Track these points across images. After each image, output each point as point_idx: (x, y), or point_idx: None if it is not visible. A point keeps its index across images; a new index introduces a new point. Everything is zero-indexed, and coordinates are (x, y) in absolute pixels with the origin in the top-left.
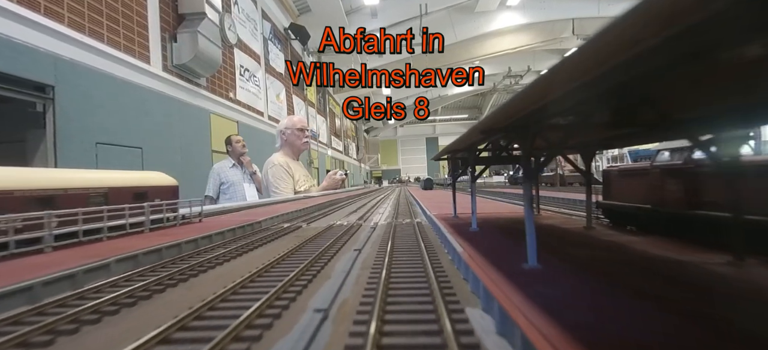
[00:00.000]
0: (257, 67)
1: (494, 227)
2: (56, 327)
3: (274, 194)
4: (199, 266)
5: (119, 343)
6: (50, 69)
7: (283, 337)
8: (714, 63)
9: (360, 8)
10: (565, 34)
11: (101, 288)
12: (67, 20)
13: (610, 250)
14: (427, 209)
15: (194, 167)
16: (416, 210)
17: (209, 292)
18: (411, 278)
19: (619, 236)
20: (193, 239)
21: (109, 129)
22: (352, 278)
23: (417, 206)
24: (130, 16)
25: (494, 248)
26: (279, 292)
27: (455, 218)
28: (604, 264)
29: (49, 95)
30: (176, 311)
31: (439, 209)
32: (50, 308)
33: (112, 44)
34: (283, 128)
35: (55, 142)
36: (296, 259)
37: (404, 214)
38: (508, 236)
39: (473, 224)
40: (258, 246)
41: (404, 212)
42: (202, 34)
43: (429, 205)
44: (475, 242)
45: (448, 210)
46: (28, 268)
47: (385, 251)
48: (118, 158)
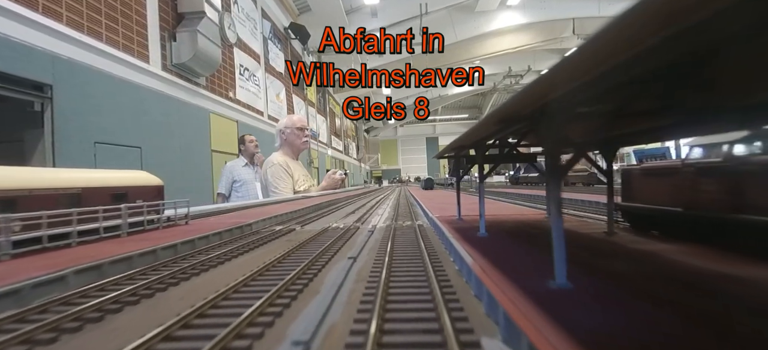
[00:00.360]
0: (257, 66)
1: (503, 233)
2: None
3: (273, 193)
4: (172, 277)
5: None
6: (48, 68)
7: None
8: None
9: (360, 7)
10: (565, 34)
11: (48, 306)
12: (66, 19)
13: (644, 262)
14: (429, 210)
15: (193, 167)
16: (417, 211)
17: (172, 313)
18: (413, 294)
19: (648, 244)
20: (173, 245)
21: (108, 129)
22: (344, 293)
23: (418, 208)
24: (129, 15)
25: (509, 259)
26: (254, 314)
27: (460, 221)
28: (645, 281)
29: (48, 94)
30: (121, 342)
31: (441, 210)
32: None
33: (110, 43)
34: (283, 127)
35: (53, 142)
36: (283, 268)
37: (404, 215)
38: (521, 244)
39: (481, 228)
40: (244, 252)
41: (404, 213)
42: (202, 33)
43: (430, 206)
44: (486, 250)
45: (451, 212)
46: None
47: (383, 259)
48: (117, 158)
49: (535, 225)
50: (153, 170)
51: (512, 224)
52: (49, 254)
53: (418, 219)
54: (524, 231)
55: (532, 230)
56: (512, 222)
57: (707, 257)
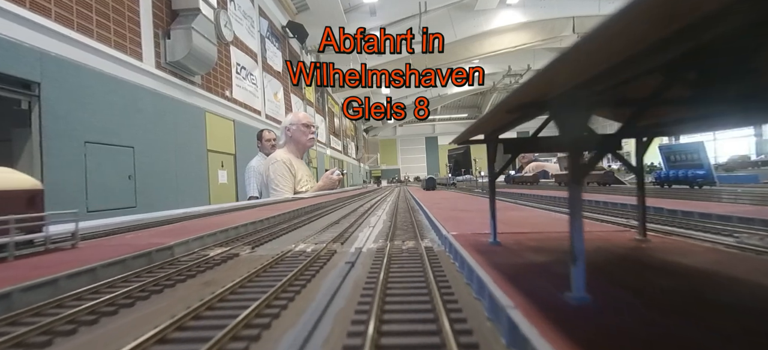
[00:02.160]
0: (254, 65)
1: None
2: None
3: (273, 192)
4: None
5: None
6: (36, 65)
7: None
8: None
9: (359, 6)
10: (565, 33)
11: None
12: (55, 15)
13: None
14: (441, 223)
15: (189, 167)
16: (421, 221)
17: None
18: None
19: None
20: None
21: (99, 128)
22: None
23: (421, 214)
24: (121, 12)
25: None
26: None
27: (495, 245)
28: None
29: (35, 92)
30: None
31: (456, 222)
32: None
33: (102, 40)
34: (288, 124)
35: (41, 141)
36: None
37: (405, 228)
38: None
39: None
40: (101, 318)
41: (405, 224)
42: (197, 30)
43: (439, 214)
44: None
45: (467, 224)
46: None
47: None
48: (109, 158)
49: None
50: (146, 170)
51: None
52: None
53: (426, 236)
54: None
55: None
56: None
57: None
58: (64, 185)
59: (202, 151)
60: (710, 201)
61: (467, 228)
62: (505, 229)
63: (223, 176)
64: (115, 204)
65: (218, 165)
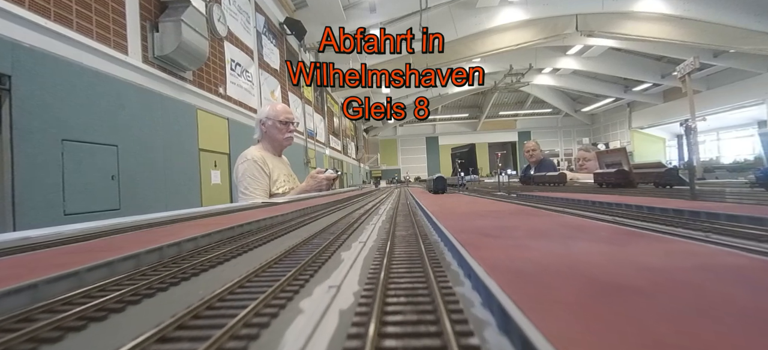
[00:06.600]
0: (250, 62)
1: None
2: None
3: (241, 195)
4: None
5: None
6: (6, 56)
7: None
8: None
9: (358, 3)
10: (568, 31)
11: None
12: (28, 3)
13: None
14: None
15: (178, 167)
16: (432, 249)
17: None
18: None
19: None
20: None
21: (79, 125)
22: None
23: (435, 235)
24: (104, 2)
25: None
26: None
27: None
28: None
29: (6, 85)
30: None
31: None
32: None
33: (82, 31)
34: (264, 117)
35: (11, 138)
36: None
37: (405, 260)
38: None
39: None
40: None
41: (405, 249)
42: (187, 23)
43: (468, 241)
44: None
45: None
46: None
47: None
48: (89, 157)
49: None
50: (132, 170)
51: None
52: None
53: (453, 310)
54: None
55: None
56: None
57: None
58: (38, 186)
59: (194, 150)
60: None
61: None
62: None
63: (216, 176)
64: (96, 206)
65: (211, 165)
